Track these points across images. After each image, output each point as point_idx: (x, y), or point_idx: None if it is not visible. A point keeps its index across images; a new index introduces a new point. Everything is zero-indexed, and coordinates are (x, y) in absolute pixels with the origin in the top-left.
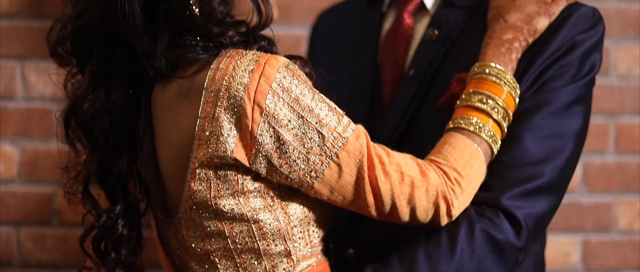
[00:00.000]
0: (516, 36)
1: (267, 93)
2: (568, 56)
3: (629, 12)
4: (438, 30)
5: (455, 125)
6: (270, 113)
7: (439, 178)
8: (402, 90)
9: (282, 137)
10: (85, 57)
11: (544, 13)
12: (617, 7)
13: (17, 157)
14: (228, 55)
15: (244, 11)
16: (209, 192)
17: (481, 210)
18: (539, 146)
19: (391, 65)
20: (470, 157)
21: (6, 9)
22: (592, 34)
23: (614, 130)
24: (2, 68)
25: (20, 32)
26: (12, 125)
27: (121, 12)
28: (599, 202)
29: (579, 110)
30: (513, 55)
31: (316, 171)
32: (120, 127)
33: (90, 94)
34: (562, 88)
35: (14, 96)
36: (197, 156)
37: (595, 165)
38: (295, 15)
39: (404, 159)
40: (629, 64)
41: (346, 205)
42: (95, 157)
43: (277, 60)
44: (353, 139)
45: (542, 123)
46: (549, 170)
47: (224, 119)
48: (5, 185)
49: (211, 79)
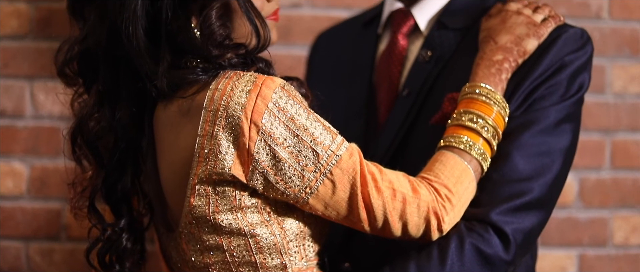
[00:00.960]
0: (506, 57)
1: (263, 112)
2: (557, 76)
3: (624, 31)
4: (431, 51)
5: (446, 144)
6: (267, 132)
7: (430, 194)
8: (396, 109)
9: (278, 155)
10: (91, 78)
11: (533, 35)
12: (612, 26)
13: (26, 174)
14: (226, 76)
15: (243, 34)
16: (208, 207)
17: (471, 225)
18: (527, 163)
19: (386, 85)
20: (460, 175)
21: (15, 31)
22: (580, 55)
23: (610, 146)
24: (12, 87)
25: (29, 53)
26: (22, 143)
27: (125, 35)
28: (595, 217)
29: (568, 128)
30: (503, 76)
31: (311, 187)
32: (124, 145)
33: (96, 112)
34: (550, 107)
35: (23, 115)
36: (197, 172)
37: (592, 181)
38: (296, 36)
39: (396, 176)
40: (624, 82)
41: (340, 220)
42: (101, 174)
43: (273, 81)
44: (346, 156)
45: (531, 141)
46: (537, 186)
47: (222, 138)
48: (15, 201)
49: (210, 99)
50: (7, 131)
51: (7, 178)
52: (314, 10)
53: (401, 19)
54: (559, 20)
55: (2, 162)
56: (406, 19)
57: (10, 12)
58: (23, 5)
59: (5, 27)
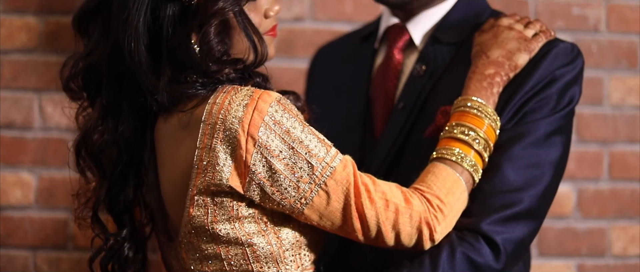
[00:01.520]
0: (498, 71)
1: (259, 126)
2: (547, 90)
3: (621, 44)
4: (425, 65)
5: (439, 156)
6: (263, 144)
7: (422, 205)
8: (391, 122)
9: (273, 167)
10: (95, 92)
11: (524, 49)
12: (610, 38)
13: (34, 184)
14: (224, 90)
15: (241, 50)
16: (207, 217)
17: (462, 235)
18: (518, 175)
19: (382, 99)
20: (452, 186)
21: (24, 44)
22: (571, 69)
23: (608, 158)
24: (21, 100)
25: (38, 66)
26: (30, 154)
27: (127, 51)
28: (594, 228)
29: (558, 141)
30: (494, 89)
31: (306, 198)
32: (126, 157)
33: (99, 126)
34: (541, 120)
35: (31, 127)
36: (196, 183)
37: (590, 191)
38: (298, 49)
39: (389, 187)
40: (622, 93)
41: (335, 230)
42: (104, 185)
43: (269, 95)
44: (340, 168)
45: (521, 153)
46: (528, 197)
47: (220, 150)
48: (23, 211)
49: (208, 113)
50: (16, 142)
51: (15, 188)
52: (315, 24)
53: (397, 34)
54: (550, 35)
55: (11, 172)
56: (402, 34)
57: (20, 26)
58: (32, 20)
59: (14, 41)
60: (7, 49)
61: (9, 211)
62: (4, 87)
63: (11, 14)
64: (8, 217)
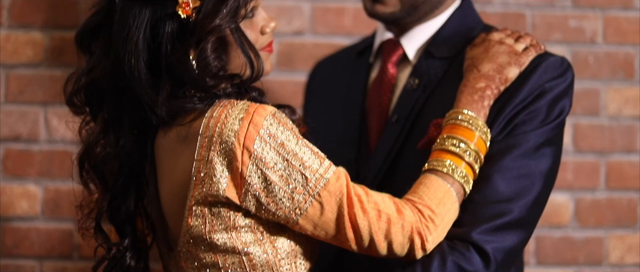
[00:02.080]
0: (488, 85)
1: (255, 138)
2: (537, 102)
3: (618, 55)
4: (418, 79)
5: (430, 167)
6: (258, 156)
7: (414, 215)
8: (386, 135)
9: (269, 178)
10: (97, 107)
11: (515, 63)
12: (606, 50)
13: (40, 195)
14: (221, 104)
15: (238, 65)
16: (204, 227)
17: (453, 244)
18: (508, 185)
19: (377, 112)
20: (443, 196)
21: (31, 59)
22: (560, 82)
23: (605, 168)
24: (27, 113)
25: (44, 80)
26: (36, 166)
27: (128, 67)
28: (591, 237)
29: (548, 152)
30: (485, 102)
31: (300, 209)
32: (127, 170)
33: (101, 139)
34: (531, 132)
35: (37, 139)
36: (194, 194)
37: (587, 201)
38: (298, 62)
39: (381, 198)
40: (618, 104)
41: (329, 239)
42: (106, 196)
43: (265, 109)
44: (334, 179)
45: (511, 164)
46: (517, 207)
47: (217, 162)
48: (30, 222)
49: (206, 126)
50: (23, 155)
51: (22, 200)
52: (315, 38)
53: (391, 49)
54: (540, 48)
55: (18, 184)
56: (395, 49)
57: (26, 41)
58: (38, 35)
59: (21, 56)
60: (14, 63)
61: (16, 222)
62: (11, 101)
63: (17, 29)
64: (15, 228)
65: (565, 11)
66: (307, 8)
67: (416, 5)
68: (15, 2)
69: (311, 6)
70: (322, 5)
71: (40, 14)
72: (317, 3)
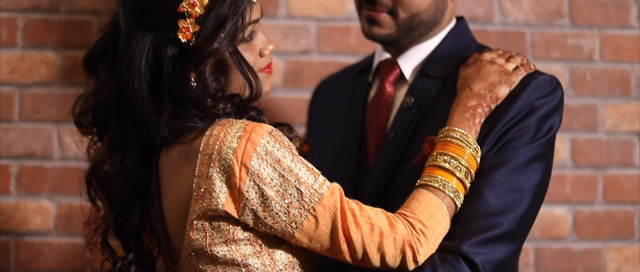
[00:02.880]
0: (480, 103)
1: (252, 156)
2: (527, 119)
3: (614, 72)
4: (414, 98)
5: (423, 183)
6: (255, 173)
7: (405, 228)
8: (383, 151)
9: (265, 193)
10: (103, 127)
11: (505, 82)
12: (604, 67)
13: (53, 211)
14: (220, 123)
15: (237, 86)
16: (205, 240)
17: (444, 256)
18: (498, 200)
19: (375, 129)
20: (434, 210)
21: (44, 78)
22: (550, 99)
23: (602, 181)
24: (41, 131)
25: (57, 99)
26: (49, 183)
27: (131, 89)
28: (589, 248)
29: (538, 167)
30: (477, 120)
31: (296, 222)
32: (132, 187)
33: (108, 158)
34: (521, 148)
35: (51, 156)
36: (195, 209)
37: (585, 214)
38: (305, 80)
39: (374, 212)
40: (615, 120)
41: (324, 252)
42: (112, 213)
43: (262, 127)
44: (328, 195)
45: (501, 179)
46: (507, 221)
47: (216, 178)
48: (43, 236)
49: (205, 144)
50: (36, 171)
51: (36, 215)
52: (321, 57)
53: (388, 69)
54: (530, 68)
55: (32, 200)
56: (393, 69)
57: (39, 61)
58: (51, 55)
59: (34, 75)
60: (28, 82)
61: (30, 237)
62: (25, 119)
63: (31, 49)
64: (29, 243)
65: (563, 30)
66: (314, 28)
67: (411, 27)
68: (30, 23)
69: (317, 26)
70: (328, 25)
71: (53, 34)
72: (323, 23)
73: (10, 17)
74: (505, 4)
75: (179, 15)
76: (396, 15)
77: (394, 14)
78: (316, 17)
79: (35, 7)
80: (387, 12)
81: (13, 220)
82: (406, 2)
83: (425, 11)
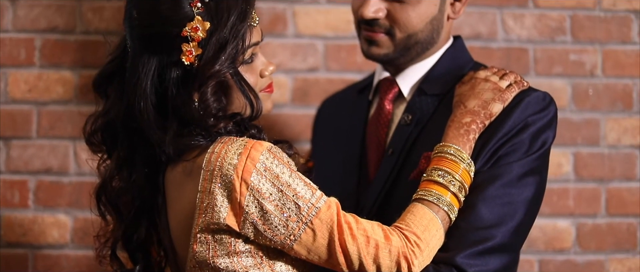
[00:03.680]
0: (474, 119)
1: (252, 172)
2: (520, 135)
3: (616, 87)
4: (412, 115)
5: (418, 197)
6: (255, 188)
7: (400, 241)
8: (382, 167)
9: (265, 208)
10: (112, 145)
11: (499, 99)
12: (606, 82)
13: (70, 224)
14: (222, 141)
15: (239, 106)
16: (208, 252)
17: (438, 267)
18: (491, 213)
19: (375, 145)
20: (428, 223)
21: (61, 96)
22: (543, 116)
23: (605, 194)
24: (57, 147)
25: (73, 116)
26: (66, 197)
27: (138, 109)
28: (593, 260)
29: (531, 181)
30: (471, 136)
31: (294, 235)
32: (139, 202)
33: (116, 175)
34: (514, 163)
35: (67, 172)
36: (198, 222)
37: (588, 226)
38: (312, 97)
39: (371, 225)
40: (617, 134)
41: (322, 263)
42: (121, 227)
43: (261, 145)
44: (325, 208)
45: (495, 193)
46: (500, 233)
47: (218, 193)
48: (60, 249)
49: (208, 161)
50: (53, 186)
51: (53, 228)
52: (328, 74)
53: (387, 87)
54: (523, 85)
55: (49, 214)
56: (392, 87)
57: (56, 79)
58: (68, 74)
59: (51, 93)
60: (45, 100)
61: (47, 250)
62: (42, 136)
63: (48, 69)
64: (46, 255)
65: (565, 46)
66: (321, 46)
67: (408, 47)
68: (47, 43)
69: (324, 44)
70: (335, 43)
71: (69, 54)
72: (330, 41)
73: (28, 38)
74: (508, 21)
75: (182, 39)
76: (393, 35)
77: (391, 35)
78: (323, 36)
79: (52, 28)
80: (385, 33)
81: (31, 233)
82: (402, 23)
83: (421, 31)
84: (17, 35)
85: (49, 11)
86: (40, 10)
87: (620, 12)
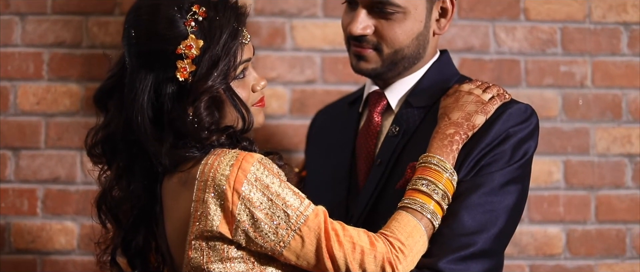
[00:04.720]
0: (457, 131)
1: (243, 182)
2: (502, 146)
3: (606, 97)
4: (399, 126)
5: (403, 205)
6: (246, 197)
7: (385, 247)
8: (371, 176)
9: (255, 216)
10: (112, 157)
11: (481, 111)
12: (595, 92)
13: (76, 231)
14: (215, 153)
15: (231, 119)
16: (203, 258)
17: None
18: (473, 220)
19: (364, 156)
20: (412, 230)
21: (68, 108)
22: (524, 127)
23: (595, 202)
24: (65, 157)
25: (79, 127)
26: (73, 205)
27: (135, 123)
28: (582, 265)
29: (513, 190)
30: (454, 147)
31: (284, 242)
32: (137, 211)
33: (116, 185)
34: (496, 172)
35: (74, 181)
36: (192, 230)
37: (578, 232)
38: (310, 108)
39: (356, 232)
40: (606, 143)
41: (311, 268)
42: (120, 234)
43: (252, 156)
44: (312, 216)
45: (477, 201)
46: (481, 239)
47: (211, 202)
48: (67, 255)
49: (201, 172)
50: (61, 195)
51: (60, 235)
52: (325, 86)
53: (376, 100)
54: (505, 97)
55: (57, 221)
56: (380, 100)
57: (63, 92)
58: (74, 86)
59: (59, 105)
60: (53, 112)
61: (55, 256)
62: (50, 146)
63: (56, 82)
64: (54, 261)
65: (556, 57)
66: (318, 59)
67: (395, 62)
68: (54, 57)
69: (322, 57)
70: (332, 56)
71: (76, 68)
72: (328, 54)
73: (36, 52)
74: (500, 34)
75: (177, 56)
76: (381, 51)
77: (378, 50)
78: (321, 49)
79: (59, 43)
80: (373, 48)
81: (39, 240)
82: (389, 39)
83: (407, 47)
84: (26, 50)
85: (57, 26)
86: (48, 25)
87: (610, 24)
